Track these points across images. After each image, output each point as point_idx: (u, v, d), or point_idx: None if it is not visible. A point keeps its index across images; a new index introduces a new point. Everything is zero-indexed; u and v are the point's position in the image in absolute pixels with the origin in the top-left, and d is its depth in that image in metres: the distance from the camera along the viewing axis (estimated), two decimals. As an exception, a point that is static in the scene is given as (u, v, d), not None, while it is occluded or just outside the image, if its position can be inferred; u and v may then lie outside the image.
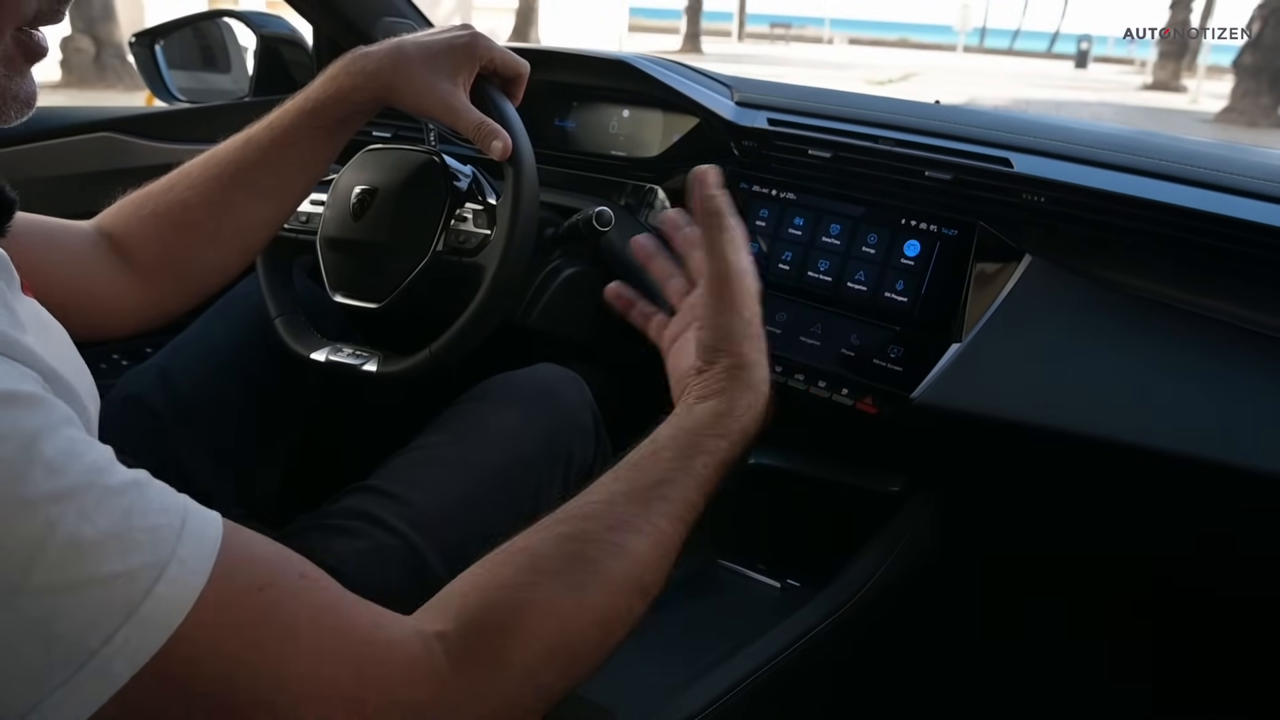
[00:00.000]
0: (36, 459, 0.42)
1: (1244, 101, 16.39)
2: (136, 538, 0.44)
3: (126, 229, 0.92)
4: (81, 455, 0.45)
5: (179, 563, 0.45)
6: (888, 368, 1.06)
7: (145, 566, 0.43)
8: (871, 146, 1.15)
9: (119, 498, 0.45)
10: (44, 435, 0.43)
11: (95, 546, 0.42)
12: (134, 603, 0.43)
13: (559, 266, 1.20)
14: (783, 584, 1.13)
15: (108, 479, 0.45)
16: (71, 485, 0.43)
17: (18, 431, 0.42)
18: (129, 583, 0.43)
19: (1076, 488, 1.12)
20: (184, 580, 0.44)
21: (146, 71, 1.66)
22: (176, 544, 0.45)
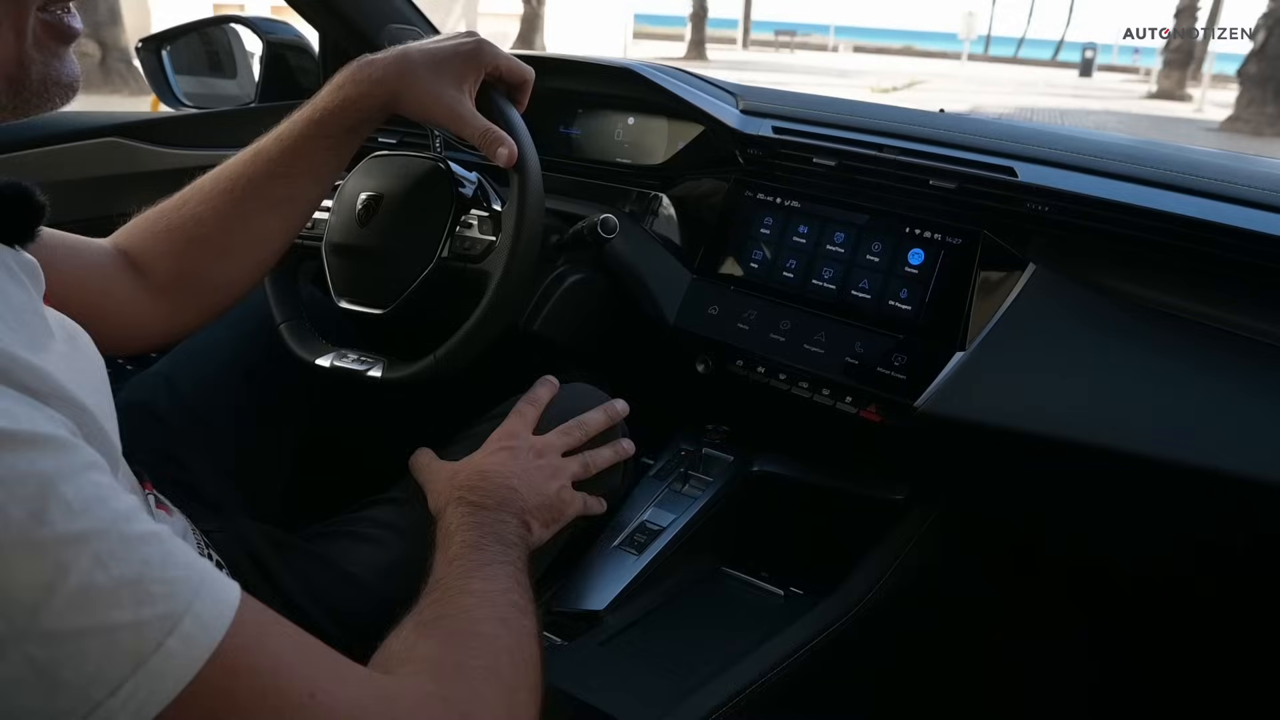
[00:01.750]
0: (54, 500, 0.42)
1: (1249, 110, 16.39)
2: (152, 589, 0.43)
3: (142, 245, 0.92)
4: (104, 501, 0.44)
5: (193, 618, 0.44)
6: (891, 376, 1.06)
7: (158, 619, 0.43)
8: (876, 155, 1.15)
9: (138, 547, 0.44)
10: (65, 478, 0.43)
11: (108, 594, 0.42)
12: (143, 655, 0.42)
13: (564, 273, 1.20)
14: (785, 592, 1.13)
15: (128, 528, 0.45)
16: (89, 529, 0.42)
17: (36, 473, 0.42)
18: (139, 634, 0.42)
19: (1079, 496, 1.12)
20: (197, 638, 0.44)
21: (153, 77, 1.67)
22: (193, 599, 0.45)
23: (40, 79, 0.56)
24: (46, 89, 0.56)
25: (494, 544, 0.82)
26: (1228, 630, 1.26)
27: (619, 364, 1.33)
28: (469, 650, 0.65)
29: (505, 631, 0.69)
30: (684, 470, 1.20)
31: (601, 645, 1.01)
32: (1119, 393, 0.98)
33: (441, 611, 0.70)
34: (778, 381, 1.14)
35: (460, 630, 0.68)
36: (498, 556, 0.80)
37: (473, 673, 0.62)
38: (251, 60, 1.71)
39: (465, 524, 0.84)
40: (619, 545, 1.11)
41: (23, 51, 0.54)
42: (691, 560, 1.14)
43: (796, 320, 1.15)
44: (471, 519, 0.85)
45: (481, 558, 0.79)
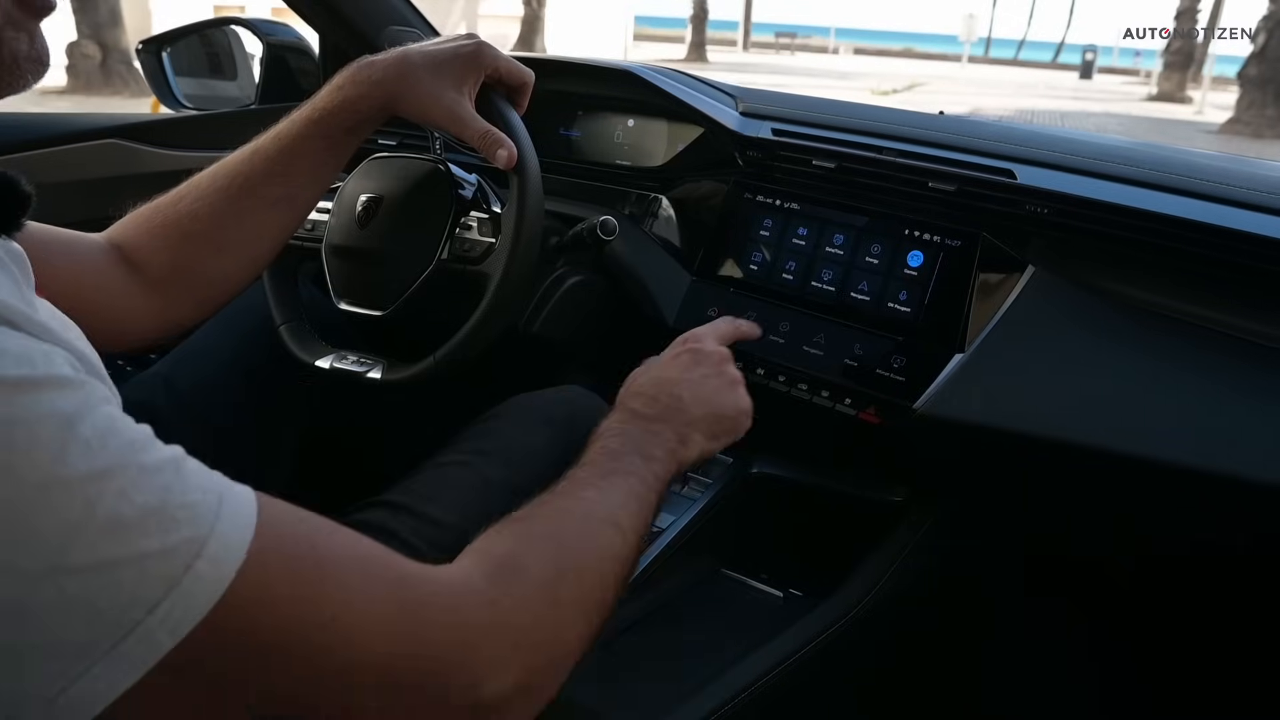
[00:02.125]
0: (74, 439, 0.43)
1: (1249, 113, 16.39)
2: (175, 515, 0.45)
3: (137, 241, 0.92)
4: (119, 433, 0.46)
5: (218, 538, 0.46)
6: (891, 378, 1.06)
7: (185, 542, 0.44)
8: (875, 157, 1.15)
9: (157, 475, 0.46)
10: (82, 416, 0.44)
11: (135, 524, 0.43)
12: (175, 578, 0.44)
13: (563, 275, 1.20)
14: (785, 594, 1.13)
15: (145, 457, 0.46)
16: (109, 465, 0.44)
17: (56, 414, 0.43)
18: (169, 559, 0.44)
19: (1078, 498, 1.12)
20: (223, 556, 0.45)
21: (153, 78, 1.67)
22: (215, 520, 0.46)
23: (12, 55, 0.55)
24: (19, 64, 0.56)
25: (631, 455, 0.80)
26: (1227, 630, 1.26)
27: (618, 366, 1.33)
28: (537, 555, 0.64)
29: (586, 545, 0.68)
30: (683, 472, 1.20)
31: (600, 647, 1.00)
32: (1117, 395, 0.98)
33: (535, 512, 0.69)
34: (777, 383, 1.14)
35: (539, 533, 0.67)
36: (627, 468, 0.78)
37: (530, 578, 0.62)
38: (252, 62, 1.72)
39: (614, 430, 0.83)
40: (618, 547, 1.11)
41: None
42: (691, 562, 1.14)
43: (796, 322, 1.15)
44: (622, 427, 0.84)
45: (608, 467, 0.78)
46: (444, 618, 0.55)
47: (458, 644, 0.55)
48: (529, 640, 0.59)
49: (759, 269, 1.20)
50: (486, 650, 0.56)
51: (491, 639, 0.56)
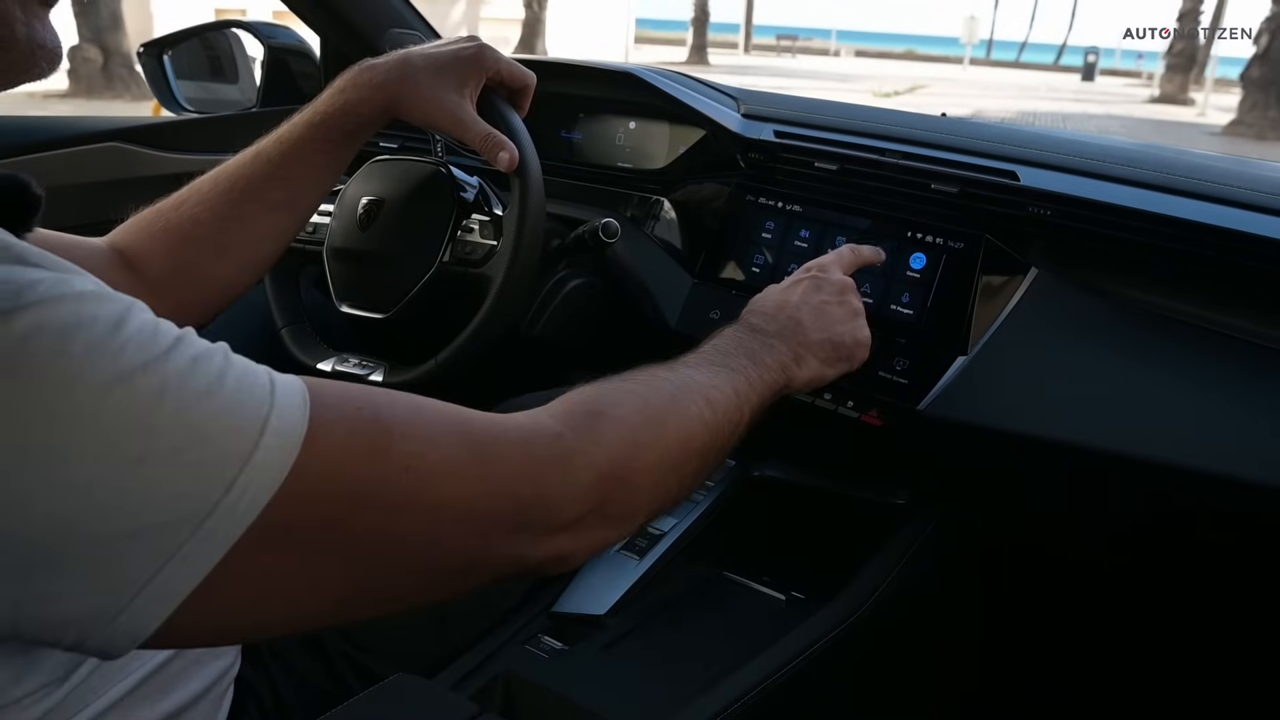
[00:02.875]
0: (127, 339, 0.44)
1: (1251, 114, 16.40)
2: (235, 398, 0.46)
3: (138, 245, 0.92)
4: (166, 332, 0.47)
5: (278, 412, 0.47)
6: (893, 380, 1.06)
7: (249, 421, 0.46)
8: (878, 159, 1.15)
9: (209, 361, 0.47)
10: (128, 317, 0.46)
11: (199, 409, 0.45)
12: (246, 453, 0.45)
13: (565, 277, 1.20)
14: (787, 597, 1.12)
15: (194, 348, 0.48)
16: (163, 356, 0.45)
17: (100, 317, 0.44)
18: (238, 436, 0.45)
19: (1082, 499, 1.12)
20: (286, 428, 0.47)
21: (154, 81, 1.67)
22: (272, 396, 0.48)
23: (25, 41, 0.55)
24: (31, 52, 0.56)
25: (742, 357, 0.80)
26: (1228, 631, 1.26)
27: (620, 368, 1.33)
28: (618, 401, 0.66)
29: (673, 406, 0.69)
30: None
31: (603, 650, 1.00)
32: (1120, 396, 0.98)
33: (630, 374, 0.70)
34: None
35: (627, 387, 0.68)
36: (734, 364, 0.78)
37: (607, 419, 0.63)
38: (253, 65, 1.71)
39: (730, 335, 0.83)
40: (620, 550, 1.11)
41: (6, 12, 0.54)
42: (693, 565, 1.13)
43: (798, 324, 1.14)
44: (738, 334, 0.84)
45: (716, 360, 0.78)
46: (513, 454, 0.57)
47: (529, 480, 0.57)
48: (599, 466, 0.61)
49: (761, 271, 1.20)
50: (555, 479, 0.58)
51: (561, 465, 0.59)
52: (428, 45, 0.97)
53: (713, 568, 1.17)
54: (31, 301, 0.43)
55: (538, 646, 1.00)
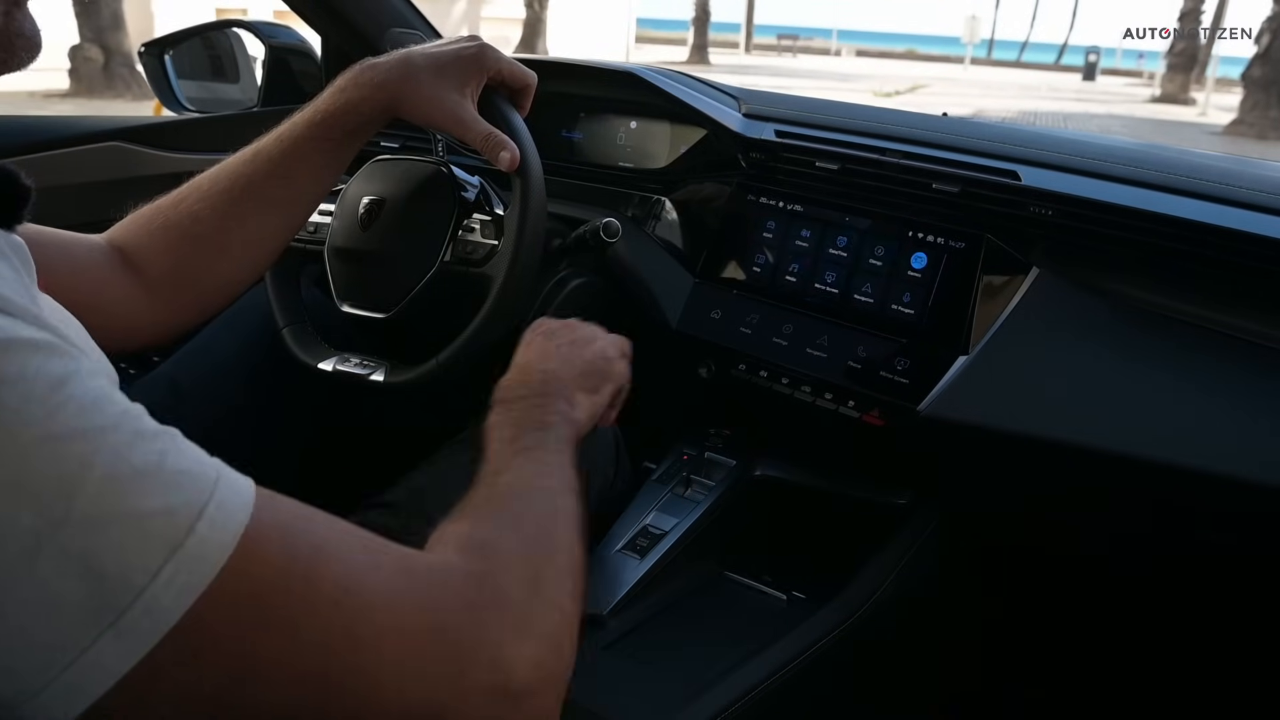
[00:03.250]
0: (67, 399, 0.42)
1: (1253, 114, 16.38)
2: (174, 479, 0.44)
3: (137, 242, 0.92)
4: (114, 400, 0.45)
5: (217, 504, 0.45)
6: (894, 380, 1.06)
7: (185, 505, 0.44)
8: (879, 159, 1.15)
9: (153, 441, 0.45)
10: (74, 380, 0.43)
11: (133, 482, 0.43)
12: (177, 539, 0.43)
13: (566, 277, 1.20)
14: (788, 596, 1.12)
15: (140, 424, 0.45)
16: (104, 424, 0.43)
17: (47, 374, 0.42)
18: (170, 520, 0.43)
19: (1083, 500, 1.12)
20: (225, 521, 0.45)
21: (155, 81, 1.67)
22: (214, 488, 0.46)
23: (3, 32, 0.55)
24: (11, 42, 0.56)
25: (530, 432, 0.81)
26: (1229, 631, 1.26)
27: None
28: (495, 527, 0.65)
29: (532, 511, 0.69)
30: (686, 474, 1.20)
31: (604, 649, 1.00)
32: (1122, 396, 0.98)
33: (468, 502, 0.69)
34: (780, 386, 1.14)
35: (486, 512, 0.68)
36: (532, 443, 0.79)
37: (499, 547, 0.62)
38: (254, 65, 1.72)
39: (502, 422, 0.83)
40: (621, 549, 1.11)
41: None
42: (694, 564, 1.13)
43: (799, 324, 1.14)
44: (507, 415, 0.84)
45: (514, 448, 0.78)
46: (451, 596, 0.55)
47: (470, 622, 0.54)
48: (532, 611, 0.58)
49: (762, 271, 1.20)
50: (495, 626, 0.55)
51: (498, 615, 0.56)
52: (429, 45, 0.97)
53: (714, 567, 1.17)
54: None
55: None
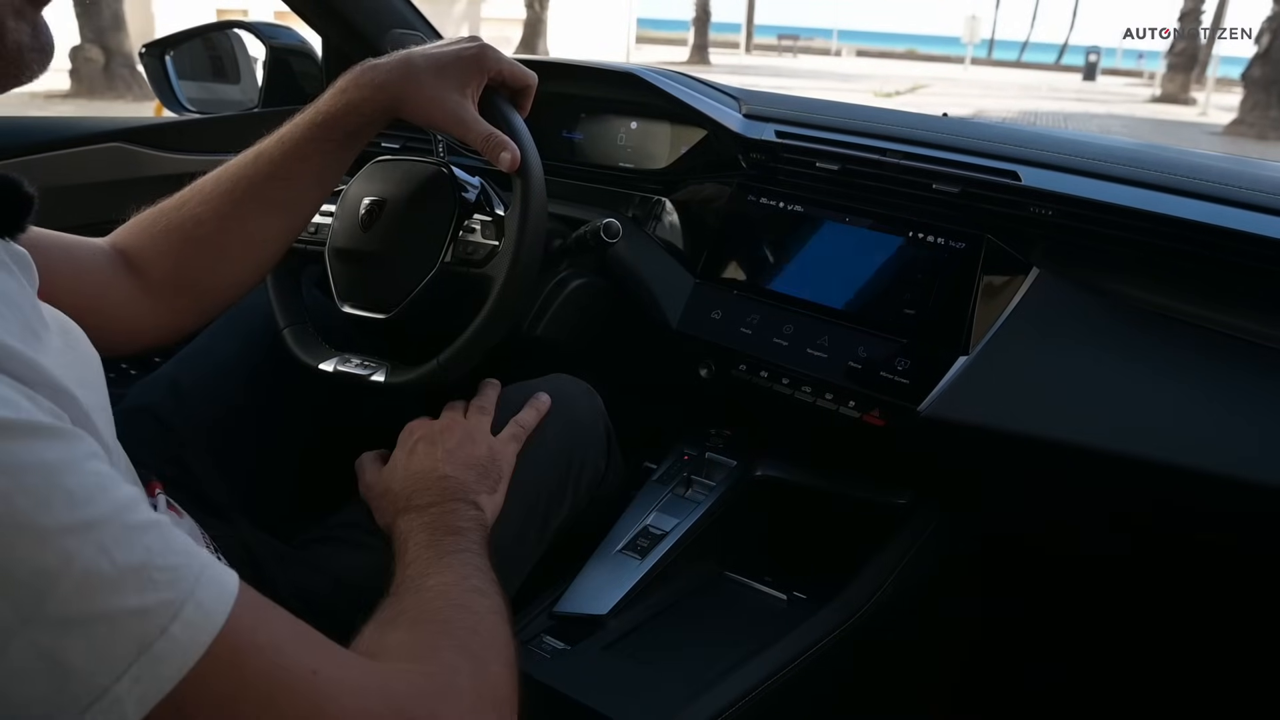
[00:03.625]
0: (58, 490, 0.42)
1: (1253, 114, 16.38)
2: (154, 576, 0.44)
3: (139, 245, 0.92)
4: (106, 490, 0.45)
5: (195, 605, 0.45)
6: (895, 380, 1.06)
7: (162, 605, 0.44)
8: (879, 159, 1.15)
9: (140, 536, 0.45)
10: (68, 468, 0.43)
11: (112, 581, 0.42)
12: (148, 640, 0.43)
13: (567, 277, 1.20)
14: (789, 596, 1.12)
15: (130, 517, 0.45)
16: (93, 518, 0.43)
17: (40, 463, 0.42)
18: (143, 620, 0.43)
19: (1083, 500, 1.12)
20: (199, 623, 0.45)
21: (156, 82, 1.67)
22: (194, 587, 0.45)
23: (15, 45, 0.55)
24: (23, 55, 0.56)
25: (446, 536, 0.83)
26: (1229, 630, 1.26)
27: (621, 368, 1.33)
28: (435, 633, 0.67)
29: (467, 615, 0.70)
30: (687, 475, 1.20)
31: (604, 649, 1.00)
32: (1122, 397, 0.98)
33: (401, 609, 0.71)
34: (781, 386, 1.14)
35: (423, 619, 0.69)
36: (451, 548, 0.81)
37: (444, 650, 0.64)
38: (255, 65, 1.72)
39: (416, 527, 0.85)
40: (622, 550, 1.11)
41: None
42: (694, 565, 1.14)
43: (799, 325, 1.15)
44: (420, 520, 0.86)
45: (435, 553, 0.80)
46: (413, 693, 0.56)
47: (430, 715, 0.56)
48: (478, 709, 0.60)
49: (762, 271, 1.20)
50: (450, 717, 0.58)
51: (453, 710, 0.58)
52: (429, 45, 0.97)
53: (714, 568, 1.17)
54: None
55: (539, 646, 1.00)
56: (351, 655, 0.56)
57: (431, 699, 0.57)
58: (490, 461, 0.96)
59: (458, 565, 0.78)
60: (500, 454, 0.98)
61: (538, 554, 1.03)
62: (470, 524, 0.86)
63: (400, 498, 0.90)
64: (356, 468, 1.01)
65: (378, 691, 0.54)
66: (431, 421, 1.00)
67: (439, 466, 0.92)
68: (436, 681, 0.59)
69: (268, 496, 1.13)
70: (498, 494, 0.95)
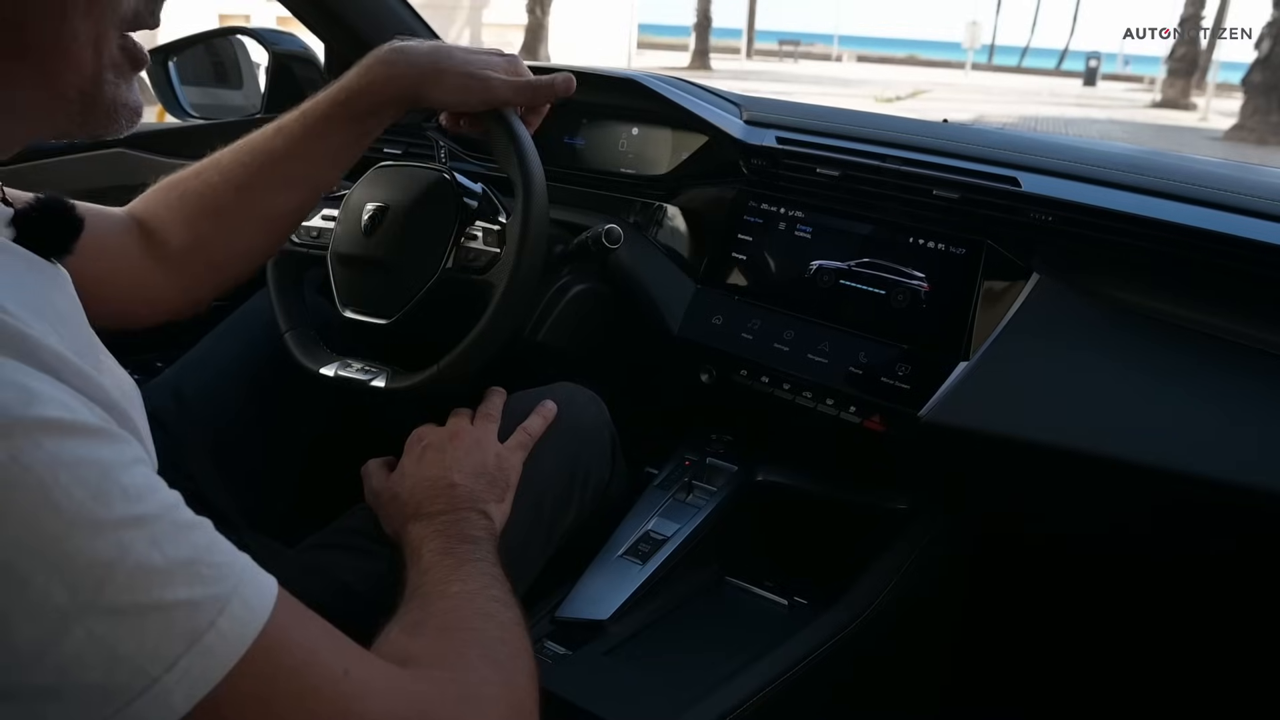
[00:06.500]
0: (114, 485, 0.44)
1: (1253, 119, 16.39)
2: (203, 572, 0.46)
3: (156, 214, 0.93)
4: (156, 490, 0.47)
5: (241, 601, 0.47)
6: (895, 385, 1.06)
7: (210, 599, 0.45)
8: (879, 165, 1.15)
9: (189, 533, 0.47)
10: (122, 467, 0.45)
11: (164, 574, 0.44)
12: (197, 633, 0.44)
13: (568, 283, 1.20)
14: (789, 601, 1.13)
15: (179, 515, 0.47)
16: (145, 514, 0.45)
17: (96, 460, 0.44)
18: (193, 613, 0.45)
19: (1084, 506, 1.12)
20: (244, 619, 0.46)
21: (160, 87, 1.68)
22: (238, 584, 0.47)
23: (111, 100, 0.58)
24: (115, 110, 0.58)
25: (461, 544, 0.83)
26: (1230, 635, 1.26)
27: (623, 373, 1.33)
28: (461, 641, 0.67)
29: (491, 624, 0.71)
30: (688, 480, 1.20)
31: (605, 654, 1.01)
32: (1122, 402, 0.98)
33: (425, 615, 0.71)
34: (781, 391, 1.14)
35: (448, 626, 0.70)
36: (468, 556, 0.81)
37: (471, 659, 0.64)
38: (257, 71, 1.72)
39: (429, 534, 0.85)
40: (623, 555, 1.11)
41: (99, 72, 0.56)
42: (695, 569, 1.14)
43: (800, 330, 1.15)
44: (431, 528, 0.86)
45: (454, 560, 0.80)
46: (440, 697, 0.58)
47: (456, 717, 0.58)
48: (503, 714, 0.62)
49: (763, 277, 1.20)
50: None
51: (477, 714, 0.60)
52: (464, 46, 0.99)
53: (715, 573, 1.17)
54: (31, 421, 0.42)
55: (541, 651, 1.00)
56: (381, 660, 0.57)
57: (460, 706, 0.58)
58: (498, 470, 0.96)
59: (477, 574, 0.78)
60: (508, 462, 0.97)
61: (542, 561, 1.03)
62: (482, 533, 0.86)
63: (409, 504, 0.90)
64: (362, 474, 1.00)
65: (406, 696, 0.55)
66: (439, 428, 0.99)
67: (448, 474, 0.92)
68: (465, 689, 0.60)
69: (269, 501, 1.13)
70: (505, 503, 0.94)
